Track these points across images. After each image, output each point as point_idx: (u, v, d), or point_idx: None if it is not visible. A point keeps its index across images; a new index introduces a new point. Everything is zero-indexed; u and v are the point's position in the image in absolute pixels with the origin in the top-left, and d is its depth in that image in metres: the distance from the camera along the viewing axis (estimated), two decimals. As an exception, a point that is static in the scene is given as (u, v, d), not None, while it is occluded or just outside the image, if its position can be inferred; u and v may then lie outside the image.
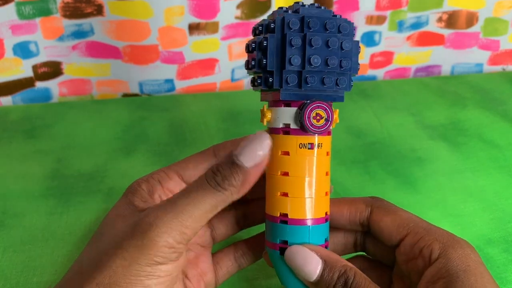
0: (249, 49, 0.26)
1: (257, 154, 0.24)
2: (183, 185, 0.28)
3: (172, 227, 0.22)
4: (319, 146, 0.26)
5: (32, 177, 0.43)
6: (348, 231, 0.30)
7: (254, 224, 0.31)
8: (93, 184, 0.42)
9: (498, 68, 0.71)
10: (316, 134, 0.26)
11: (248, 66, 0.27)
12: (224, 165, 0.24)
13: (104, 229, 0.25)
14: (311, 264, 0.24)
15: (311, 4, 0.26)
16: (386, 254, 0.28)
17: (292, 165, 0.26)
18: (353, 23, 0.26)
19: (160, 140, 0.49)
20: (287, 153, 0.26)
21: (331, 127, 0.26)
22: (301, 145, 0.26)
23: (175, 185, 0.28)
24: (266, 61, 0.25)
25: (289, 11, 0.26)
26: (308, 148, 0.26)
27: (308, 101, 0.25)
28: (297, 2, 0.26)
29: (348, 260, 0.30)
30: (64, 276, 0.25)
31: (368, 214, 0.28)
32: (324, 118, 0.25)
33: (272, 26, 0.25)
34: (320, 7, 0.26)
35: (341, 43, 0.25)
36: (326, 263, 0.24)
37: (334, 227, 0.29)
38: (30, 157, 0.46)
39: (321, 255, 0.25)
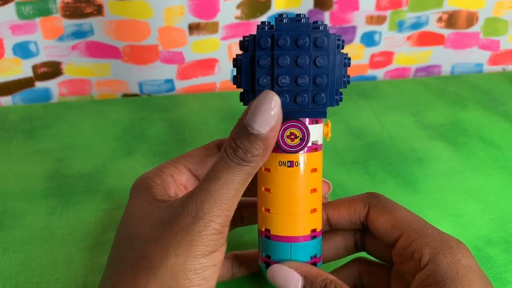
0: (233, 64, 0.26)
1: (269, 117, 0.23)
2: (193, 179, 0.28)
3: (214, 214, 0.22)
4: (298, 164, 0.26)
5: (32, 177, 0.43)
6: (347, 233, 0.30)
7: (247, 224, 0.31)
8: (93, 184, 0.42)
9: (498, 68, 0.71)
10: (292, 153, 0.25)
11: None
12: (240, 137, 0.23)
13: (134, 231, 0.24)
14: (292, 282, 0.25)
15: (297, 15, 0.25)
16: (385, 253, 0.28)
17: (272, 182, 0.26)
18: (334, 35, 0.25)
19: (160, 140, 0.49)
20: (268, 170, 0.26)
21: (308, 145, 0.25)
22: (280, 162, 0.26)
23: (187, 179, 0.28)
24: (241, 80, 0.25)
25: (266, 27, 0.25)
26: (288, 166, 0.25)
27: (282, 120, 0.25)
28: (281, 14, 0.25)
29: (347, 264, 0.30)
30: (102, 283, 0.24)
31: (366, 213, 0.28)
32: (299, 138, 0.25)
33: (246, 44, 0.25)
34: (301, 20, 0.25)
35: (315, 59, 0.24)
36: (306, 280, 0.25)
37: (335, 230, 0.29)
38: (30, 157, 0.46)
39: (301, 272, 0.25)
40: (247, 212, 0.30)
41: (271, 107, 0.23)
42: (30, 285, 0.32)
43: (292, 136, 0.25)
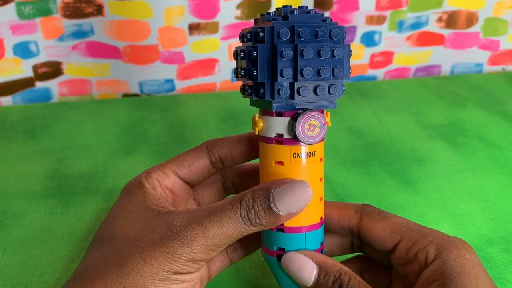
0: (237, 56, 0.26)
1: (294, 206, 0.24)
2: (180, 182, 0.29)
3: (202, 250, 0.23)
4: (312, 154, 0.26)
5: (32, 177, 0.43)
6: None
7: None
8: (93, 184, 0.42)
9: (498, 68, 0.71)
10: (311, 144, 0.26)
11: (237, 74, 0.26)
12: (260, 203, 0.24)
13: (118, 231, 0.25)
14: (307, 270, 0.25)
15: (300, 7, 0.25)
16: (383, 256, 0.28)
17: (286, 174, 0.26)
18: (343, 27, 0.25)
19: (160, 140, 0.49)
20: (281, 163, 0.26)
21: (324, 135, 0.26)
22: (294, 154, 0.26)
23: (173, 183, 0.28)
24: (257, 73, 0.24)
25: (278, 18, 0.25)
26: (312, 156, 0.26)
27: (301, 112, 0.25)
28: (285, 6, 0.25)
29: (349, 259, 0.30)
30: (71, 278, 0.24)
31: (358, 222, 0.28)
32: (318, 127, 0.25)
33: (261, 35, 0.24)
34: (310, 12, 0.25)
35: (333, 51, 0.24)
36: (321, 268, 0.25)
37: (328, 229, 0.29)
38: (30, 157, 0.46)
39: (316, 261, 0.25)
40: None
41: (301, 199, 0.24)
42: (30, 285, 0.32)
43: (312, 127, 0.25)
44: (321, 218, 0.27)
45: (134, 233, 0.24)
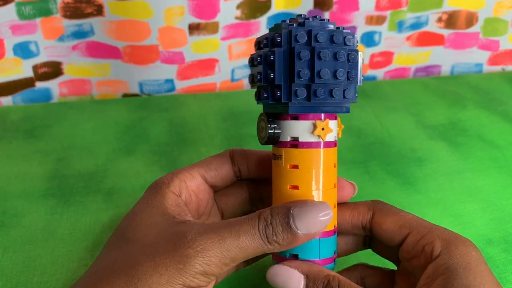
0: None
1: (313, 226, 0.24)
2: (205, 186, 0.29)
3: (214, 262, 0.23)
4: (279, 157, 0.27)
5: (32, 177, 0.43)
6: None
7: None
8: (93, 184, 0.42)
9: (498, 68, 0.71)
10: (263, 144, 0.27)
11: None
12: (279, 220, 0.24)
13: (132, 234, 0.25)
14: (293, 282, 0.25)
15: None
16: (391, 252, 0.28)
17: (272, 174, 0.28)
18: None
19: (160, 140, 0.49)
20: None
21: (286, 140, 0.26)
22: (273, 155, 0.27)
23: (198, 186, 0.28)
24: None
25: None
26: (274, 159, 0.27)
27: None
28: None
29: (349, 269, 0.30)
30: (82, 278, 0.24)
31: (370, 217, 0.28)
32: (264, 130, 0.26)
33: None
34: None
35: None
36: (308, 277, 0.25)
37: (340, 231, 0.30)
38: (30, 157, 0.46)
39: (302, 270, 0.25)
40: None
41: (321, 221, 0.24)
42: (31, 284, 0.32)
43: (261, 129, 0.27)
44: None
45: (147, 240, 0.24)
